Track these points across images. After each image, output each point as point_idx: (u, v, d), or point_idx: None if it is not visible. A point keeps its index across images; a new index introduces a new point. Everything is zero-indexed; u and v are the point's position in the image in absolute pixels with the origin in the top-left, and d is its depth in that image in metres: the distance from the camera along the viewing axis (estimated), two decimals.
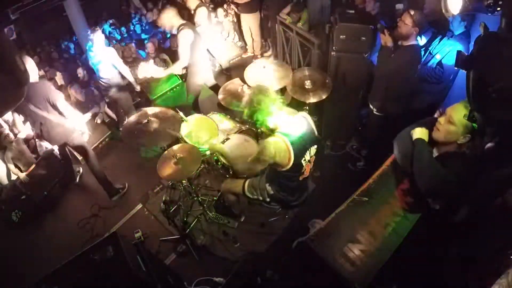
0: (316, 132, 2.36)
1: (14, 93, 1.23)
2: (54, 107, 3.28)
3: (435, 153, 1.93)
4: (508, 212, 1.72)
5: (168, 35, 6.25)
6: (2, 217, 3.82)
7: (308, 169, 2.45)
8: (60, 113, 3.35)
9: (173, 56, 5.85)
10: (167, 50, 6.06)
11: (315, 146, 2.38)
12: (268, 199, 2.60)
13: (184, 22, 3.69)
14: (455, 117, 1.80)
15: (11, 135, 4.10)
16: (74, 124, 3.52)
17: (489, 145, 1.70)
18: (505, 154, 1.67)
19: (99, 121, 4.89)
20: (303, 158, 2.29)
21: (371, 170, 2.30)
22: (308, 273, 2.24)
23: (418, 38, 2.95)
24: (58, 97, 3.27)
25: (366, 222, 2.01)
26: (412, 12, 2.76)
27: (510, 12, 1.36)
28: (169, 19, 3.62)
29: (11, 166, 3.96)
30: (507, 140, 1.63)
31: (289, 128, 2.18)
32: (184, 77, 4.10)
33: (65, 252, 3.41)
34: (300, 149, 2.22)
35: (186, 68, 3.91)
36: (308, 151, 2.32)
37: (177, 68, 3.80)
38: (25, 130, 4.34)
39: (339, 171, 3.86)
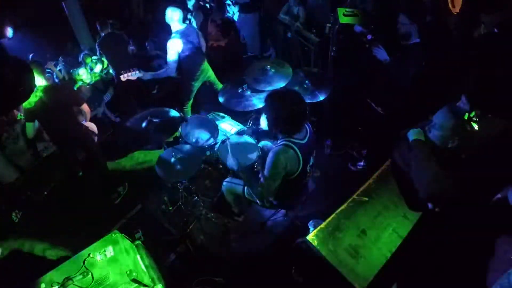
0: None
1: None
2: (78, 111, 3.49)
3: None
4: (508, 212, 1.72)
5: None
6: (2, 217, 3.82)
7: (309, 174, 2.44)
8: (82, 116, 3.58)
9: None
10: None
11: (314, 152, 2.38)
12: (268, 205, 2.60)
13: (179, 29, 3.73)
14: (440, 123, 1.83)
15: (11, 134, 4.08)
16: (91, 126, 3.74)
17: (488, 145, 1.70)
18: (504, 153, 1.67)
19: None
20: (308, 164, 2.29)
21: (371, 170, 2.30)
22: (308, 273, 2.24)
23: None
24: (84, 103, 3.47)
25: (366, 222, 2.01)
26: (404, 11, 2.77)
27: None
28: (170, 19, 3.65)
29: (10, 168, 3.95)
30: (505, 138, 1.64)
31: (296, 134, 2.14)
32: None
33: (66, 252, 3.43)
34: (306, 156, 2.21)
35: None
36: (312, 156, 2.32)
37: (162, 75, 3.83)
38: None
39: (339, 171, 3.85)
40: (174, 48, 3.61)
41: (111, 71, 4.99)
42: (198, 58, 3.95)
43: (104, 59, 4.90)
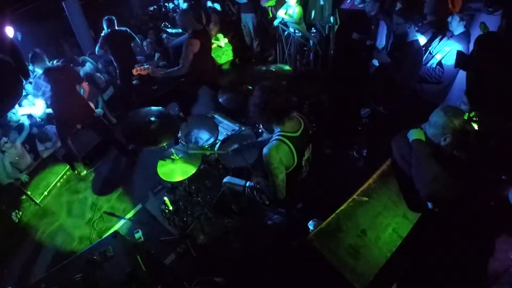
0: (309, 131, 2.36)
1: (18, 89, 1.26)
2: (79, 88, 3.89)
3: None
4: (507, 211, 1.72)
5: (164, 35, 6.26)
6: (2, 217, 3.82)
7: (306, 169, 2.45)
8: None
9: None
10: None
11: (311, 145, 2.39)
12: (267, 202, 2.61)
13: (199, 28, 3.70)
14: (432, 120, 1.86)
15: (9, 141, 4.06)
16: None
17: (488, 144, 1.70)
18: (503, 152, 1.67)
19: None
20: (303, 158, 2.30)
21: (371, 170, 2.29)
22: (308, 273, 2.23)
23: (418, 35, 2.93)
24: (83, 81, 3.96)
25: (366, 222, 2.01)
26: (398, 12, 2.78)
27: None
28: (186, 21, 3.66)
29: (10, 170, 3.95)
30: (505, 138, 1.64)
31: (287, 128, 2.18)
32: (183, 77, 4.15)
33: (65, 252, 3.43)
34: (301, 149, 2.22)
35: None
36: (307, 150, 2.33)
37: (175, 73, 3.80)
38: (23, 133, 4.30)
39: (339, 171, 3.85)
40: (191, 47, 3.60)
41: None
42: (208, 58, 3.96)
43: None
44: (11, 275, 3.38)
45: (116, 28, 4.74)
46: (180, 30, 5.53)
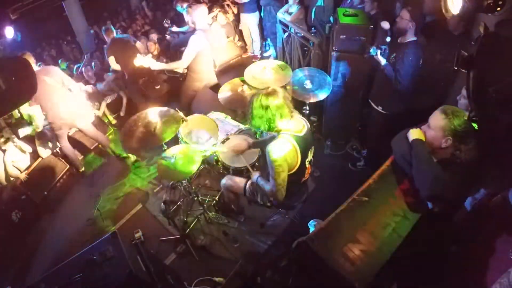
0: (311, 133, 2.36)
1: None
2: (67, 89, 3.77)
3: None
4: (507, 211, 1.72)
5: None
6: (2, 217, 3.82)
7: (308, 171, 2.45)
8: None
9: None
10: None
11: (313, 147, 2.40)
12: (268, 204, 2.61)
13: (206, 27, 3.70)
14: (432, 123, 1.85)
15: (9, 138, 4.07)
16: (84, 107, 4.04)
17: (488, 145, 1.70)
18: (504, 153, 1.67)
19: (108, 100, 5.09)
20: (306, 159, 2.30)
21: (371, 170, 2.29)
22: (308, 273, 2.23)
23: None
24: (71, 80, 3.85)
25: (366, 222, 2.01)
26: (409, 7, 2.77)
27: None
28: (198, 16, 3.61)
29: (10, 168, 3.95)
30: (506, 139, 1.64)
31: (292, 127, 2.17)
32: (183, 76, 4.12)
33: (65, 252, 3.43)
34: (304, 150, 2.23)
35: (186, 69, 3.91)
36: (310, 152, 2.33)
37: (175, 66, 3.78)
38: (24, 132, 4.31)
39: (339, 171, 3.86)
40: (196, 44, 3.57)
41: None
42: (210, 59, 3.95)
43: None
44: (11, 275, 3.38)
45: (115, 36, 4.62)
46: (184, 29, 5.50)
